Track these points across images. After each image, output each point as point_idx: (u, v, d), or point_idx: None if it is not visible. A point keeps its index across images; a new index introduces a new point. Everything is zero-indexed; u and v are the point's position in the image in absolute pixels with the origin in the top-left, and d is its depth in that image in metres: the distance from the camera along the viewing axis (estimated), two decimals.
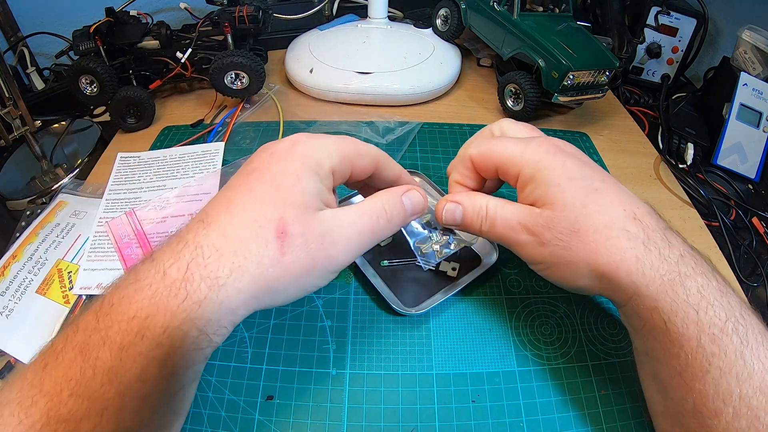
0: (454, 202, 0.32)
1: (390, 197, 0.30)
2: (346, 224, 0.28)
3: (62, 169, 0.53)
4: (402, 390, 0.32)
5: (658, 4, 0.64)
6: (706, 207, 0.49)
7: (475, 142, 0.34)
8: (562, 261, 0.29)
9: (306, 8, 0.70)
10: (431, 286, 0.38)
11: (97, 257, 0.40)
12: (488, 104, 0.61)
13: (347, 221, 0.28)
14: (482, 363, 0.34)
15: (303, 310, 0.37)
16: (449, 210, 0.32)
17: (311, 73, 0.59)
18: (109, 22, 0.52)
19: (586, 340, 0.35)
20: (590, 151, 0.53)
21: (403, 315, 0.36)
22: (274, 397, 0.32)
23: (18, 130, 0.49)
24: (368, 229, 0.28)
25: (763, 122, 0.54)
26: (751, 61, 0.57)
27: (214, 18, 0.55)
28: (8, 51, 0.63)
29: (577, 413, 0.32)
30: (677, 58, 0.67)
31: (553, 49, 0.51)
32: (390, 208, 0.29)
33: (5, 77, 0.46)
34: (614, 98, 0.64)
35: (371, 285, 0.37)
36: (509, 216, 0.30)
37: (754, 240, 0.47)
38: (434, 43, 0.64)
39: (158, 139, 0.54)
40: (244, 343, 0.35)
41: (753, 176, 0.54)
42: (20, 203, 0.49)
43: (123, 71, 0.55)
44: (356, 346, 0.35)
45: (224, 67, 0.53)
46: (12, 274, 0.39)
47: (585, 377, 0.33)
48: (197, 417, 0.31)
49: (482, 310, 0.37)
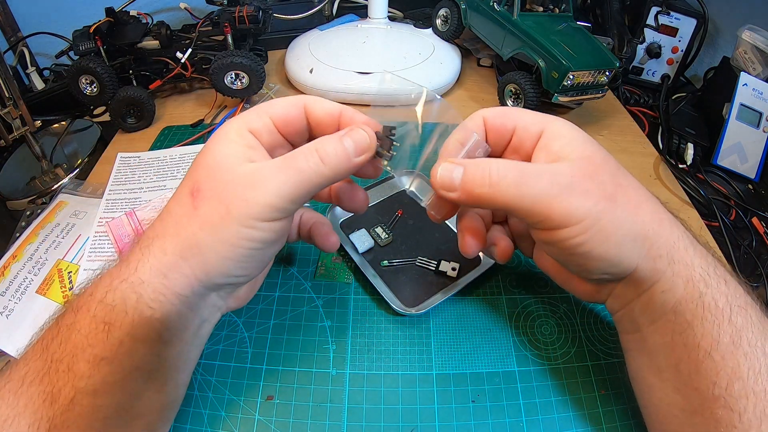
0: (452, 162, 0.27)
1: (325, 138, 0.27)
2: (267, 167, 0.25)
3: (62, 169, 0.53)
4: (402, 390, 0.32)
5: (658, 4, 0.64)
6: (706, 207, 0.49)
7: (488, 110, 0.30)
8: (607, 218, 0.25)
9: (306, 8, 0.70)
10: (431, 286, 0.38)
11: (97, 257, 0.40)
12: (488, 104, 0.61)
13: (269, 165, 0.25)
14: (482, 363, 0.34)
15: (303, 311, 0.37)
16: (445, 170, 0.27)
17: (311, 73, 0.59)
18: (109, 22, 0.53)
19: (586, 340, 0.35)
20: None
21: (402, 315, 0.36)
22: (274, 397, 0.32)
23: (18, 130, 0.49)
24: (294, 169, 0.25)
25: (763, 122, 0.54)
26: (751, 61, 0.57)
27: (214, 18, 0.55)
28: (8, 51, 0.63)
29: (577, 413, 0.32)
30: (677, 58, 0.67)
31: (553, 49, 0.51)
32: (323, 147, 0.26)
33: (5, 77, 0.46)
34: (614, 98, 0.64)
35: (371, 285, 0.37)
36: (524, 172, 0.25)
37: (754, 240, 0.47)
38: (434, 43, 0.64)
39: (158, 139, 0.54)
40: (244, 344, 0.35)
41: (753, 176, 0.54)
42: (20, 203, 0.49)
43: (123, 71, 0.55)
44: (356, 346, 0.35)
45: (224, 67, 0.53)
46: (12, 274, 0.39)
47: (585, 377, 0.33)
48: (197, 417, 0.31)
49: (482, 310, 0.37)
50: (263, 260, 0.28)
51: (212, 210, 0.25)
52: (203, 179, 0.26)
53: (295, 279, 0.39)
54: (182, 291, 0.25)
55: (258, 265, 0.27)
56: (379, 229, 0.41)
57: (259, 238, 0.25)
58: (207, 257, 0.25)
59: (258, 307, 0.37)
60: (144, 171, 0.48)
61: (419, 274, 0.38)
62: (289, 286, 0.38)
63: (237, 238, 0.25)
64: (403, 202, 0.44)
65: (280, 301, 0.37)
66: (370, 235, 0.41)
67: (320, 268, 0.39)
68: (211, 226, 0.24)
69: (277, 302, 0.37)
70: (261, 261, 0.27)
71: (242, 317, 0.36)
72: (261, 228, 0.25)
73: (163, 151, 0.51)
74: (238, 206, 0.24)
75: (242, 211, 0.24)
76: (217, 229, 0.24)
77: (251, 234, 0.25)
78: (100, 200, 0.45)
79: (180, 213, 0.25)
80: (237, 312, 0.36)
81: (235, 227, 0.24)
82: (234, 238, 0.25)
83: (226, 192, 0.25)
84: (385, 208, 0.44)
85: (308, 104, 0.28)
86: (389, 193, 0.45)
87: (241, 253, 0.25)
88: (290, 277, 0.39)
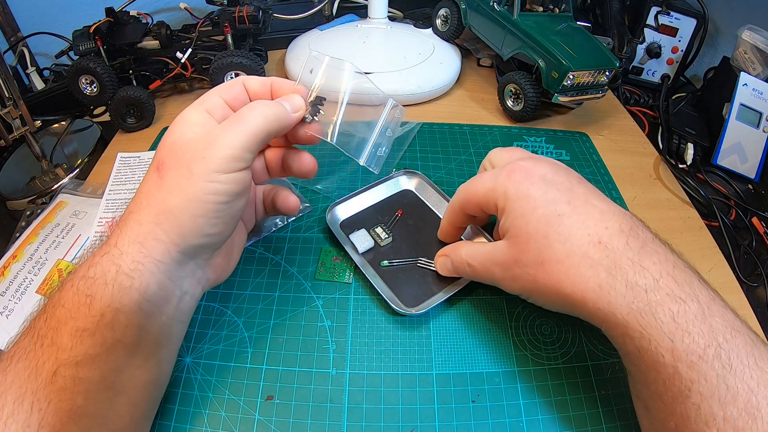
0: (444, 255, 0.37)
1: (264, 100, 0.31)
2: (218, 127, 0.28)
3: (62, 169, 0.53)
4: (402, 390, 0.32)
5: (658, 4, 0.64)
6: (706, 207, 0.49)
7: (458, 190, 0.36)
8: (534, 292, 0.30)
9: (306, 8, 0.70)
10: (431, 286, 0.38)
11: None
12: (488, 104, 0.61)
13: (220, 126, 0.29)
14: (482, 363, 0.34)
15: (303, 310, 0.37)
16: (442, 263, 0.37)
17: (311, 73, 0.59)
18: (109, 22, 0.53)
19: (586, 340, 0.35)
20: (590, 151, 0.53)
21: (403, 315, 0.36)
22: (274, 397, 0.32)
23: (18, 130, 0.49)
24: (242, 121, 0.29)
25: (763, 122, 0.54)
26: (751, 61, 0.57)
27: (214, 18, 0.55)
28: (8, 51, 0.63)
29: (577, 413, 0.32)
30: (677, 58, 0.67)
31: (553, 49, 0.51)
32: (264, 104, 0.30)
33: (5, 77, 0.46)
34: (614, 98, 0.64)
35: (371, 285, 0.37)
36: (483, 259, 0.33)
37: (754, 240, 0.47)
38: (434, 43, 0.64)
39: (158, 139, 0.54)
40: (244, 344, 0.35)
41: (753, 176, 0.54)
42: (20, 203, 0.49)
43: (123, 71, 0.55)
44: (356, 346, 0.35)
45: (224, 67, 0.53)
46: (12, 274, 0.39)
47: (585, 377, 0.33)
48: (197, 417, 0.31)
49: (482, 309, 0.37)
50: (233, 215, 0.29)
51: (177, 174, 0.27)
52: (166, 155, 0.28)
53: (295, 279, 0.39)
54: (160, 258, 0.26)
55: (229, 221, 0.29)
56: (379, 229, 0.41)
57: (224, 190, 0.27)
58: (179, 219, 0.26)
59: (258, 307, 0.37)
60: (144, 171, 0.48)
61: (419, 274, 0.38)
62: (289, 286, 0.38)
63: (203, 193, 0.27)
64: (403, 202, 0.44)
65: (280, 301, 0.37)
66: (370, 235, 0.41)
67: (320, 268, 0.39)
68: (179, 189, 0.27)
69: (277, 302, 0.37)
70: (231, 216, 0.29)
71: (242, 317, 0.36)
72: (224, 180, 0.27)
73: None
74: (198, 165, 0.27)
75: (203, 168, 0.27)
76: (183, 190, 0.27)
77: (216, 188, 0.27)
78: (100, 200, 0.45)
79: (149, 187, 0.28)
80: (237, 312, 0.36)
81: (201, 184, 0.27)
82: (201, 194, 0.27)
83: (186, 156, 0.27)
84: (385, 208, 0.44)
85: (245, 80, 0.33)
86: (389, 193, 0.45)
87: (210, 209, 0.27)
88: (290, 277, 0.39)
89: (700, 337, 0.24)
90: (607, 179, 0.50)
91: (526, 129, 0.57)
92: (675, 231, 0.46)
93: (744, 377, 0.23)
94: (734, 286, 0.41)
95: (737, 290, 0.41)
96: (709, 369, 0.24)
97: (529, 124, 0.58)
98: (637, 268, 0.26)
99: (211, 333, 0.35)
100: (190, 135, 0.28)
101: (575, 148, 0.54)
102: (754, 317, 0.39)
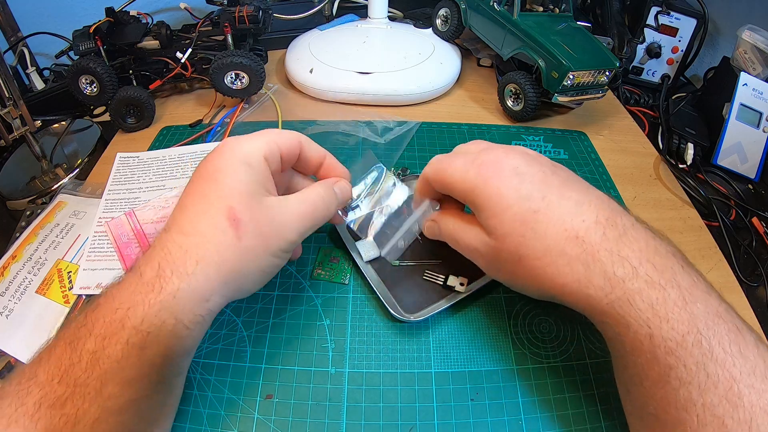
0: (433, 220, 0.36)
1: (324, 186, 0.34)
2: (291, 209, 0.31)
3: (62, 169, 0.53)
4: (401, 388, 0.32)
5: (658, 4, 0.64)
6: (706, 207, 0.49)
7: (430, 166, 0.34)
8: (515, 285, 0.32)
9: (306, 8, 0.70)
10: (432, 294, 0.37)
11: (96, 257, 0.40)
12: (488, 104, 0.61)
13: (292, 206, 0.31)
14: (481, 361, 0.34)
15: (302, 309, 0.37)
16: (429, 227, 0.37)
17: (311, 73, 0.59)
18: (109, 22, 0.53)
19: (585, 338, 0.35)
20: (588, 150, 0.53)
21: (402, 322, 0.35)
22: (273, 396, 0.32)
23: (18, 130, 0.49)
24: (310, 213, 0.32)
25: (763, 122, 0.54)
26: (751, 61, 0.57)
27: (214, 18, 0.55)
28: (8, 51, 0.63)
29: (576, 411, 0.32)
30: (677, 58, 0.67)
31: (553, 49, 0.51)
32: (325, 196, 0.33)
33: (5, 77, 0.46)
34: (614, 98, 0.64)
35: (370, 285, 0.37)
36: (468, 242, 0.33)
37: (754, 240, 0.47)
38: (434, 43, 0.64)
39: (157, 139, 0.54)
40: (243, 342, 0.35)
41: (753, 176, 0.54)
42: (20, 203, 0.49)
43: (123, 71, 0.55)
44: (355, 344, 0.35)
45: (224, 67, 0.53)
46: (12, 274, 0.39)
47: (583, 375, 0.33)
48: (196, 416, 0.31)
49: (481, 308, 0.37)
50: None
51: (255, 243, 0.28)
52: (239, 208, 0.28)
53: (294, 278, 0.39)
54: (217, 309, 0.28)
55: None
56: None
57: (280, 264, 0.31)
58: (244, 282, 0.29)
59: (257, 306, 0.37)
60: (143, 171, 0.48)
61: (422, 280, 0.38)
62: (288, 285, 0.38)
63: (268, 266, 0.30)
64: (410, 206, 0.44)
65: (279, 300, 0.37)
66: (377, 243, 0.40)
67: (317, 269, 0.39)
68: (254, 258, 0.29)
69: (276, 301, 0.37)
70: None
71: (241, 316, 0.36)
72: (284, 257, 0.31)
73: (162, 151, 0.51)
74: (275, 242, 0.30)
75: (278, 246, 0.30)
76: (258, 260, 0.29)
77: (277, 262, 0.31)
78: (99, 200, 0.45)
79: (221, 241, 0.27)
80: (236, 311, 0.36)
81: (270, 258, 0.30)
82: (267, 267, 0.30)
83: (267, 228, 0.29)
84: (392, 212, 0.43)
85: (303, 143, 0.34)
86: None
87: (267, 277, 0.31)
88: (289, 276, 0.39)
89: (680, 324, 0.24)
90: (605, 178, 0.50)
91: (525, 128, 0.57)
92: (675, 231, 0.46)
93: (726, 365, 0.23)
94: (734, 286, 0.41)
95: (737, 290, 0.41)
96: (688, 356, 0.23)
97: (528, 124, 0.58)
98: (615, 258, 0.26)
99: (210, 332, 0.35)
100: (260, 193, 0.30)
101: (573, 147, 0.54)
102: (754, 317, 0.39)
